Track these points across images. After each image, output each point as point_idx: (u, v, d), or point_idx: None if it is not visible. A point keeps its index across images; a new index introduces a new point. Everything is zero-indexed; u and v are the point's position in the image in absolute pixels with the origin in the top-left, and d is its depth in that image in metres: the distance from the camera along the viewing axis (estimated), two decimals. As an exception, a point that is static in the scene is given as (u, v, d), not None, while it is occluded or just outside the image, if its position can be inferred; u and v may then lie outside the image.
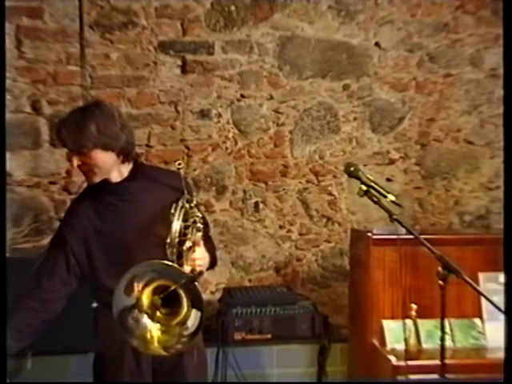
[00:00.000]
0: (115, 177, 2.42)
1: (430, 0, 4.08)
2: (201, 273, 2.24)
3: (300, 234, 4.05)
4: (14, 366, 3.11)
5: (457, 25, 4.11)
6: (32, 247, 3.70)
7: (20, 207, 3.74)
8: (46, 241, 3.65)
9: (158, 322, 2.18)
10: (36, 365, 3.13)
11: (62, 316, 2.43)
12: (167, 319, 2.18)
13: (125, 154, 2.41)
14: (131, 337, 2.16)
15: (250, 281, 4.00)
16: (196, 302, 2.12)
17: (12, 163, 3.71)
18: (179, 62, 3.90)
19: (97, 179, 2.39)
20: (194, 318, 2.14)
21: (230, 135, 3.97)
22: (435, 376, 2.47)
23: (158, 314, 2.18)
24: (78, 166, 2.36)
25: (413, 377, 2.72)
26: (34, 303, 2.37)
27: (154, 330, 2.17)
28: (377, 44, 4.07)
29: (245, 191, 3.99)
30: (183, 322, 2.15)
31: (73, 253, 2.40)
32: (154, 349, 2.18)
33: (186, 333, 2.15)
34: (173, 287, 2.13)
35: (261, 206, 4.00)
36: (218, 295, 3.83)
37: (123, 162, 2.42)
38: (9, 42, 3.67)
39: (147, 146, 3.86)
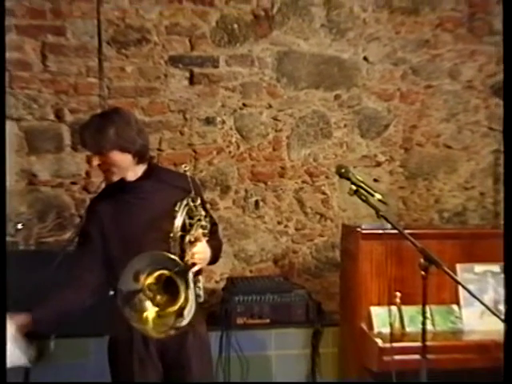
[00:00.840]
0: (131, 176, 2.43)
1: (412, 19, 4.09)
2: (194, 264, 2.25)
3: (296, 229, 4.05)
4: (39, 347, 3.11)
5: (437, 41, 4.12)
6: (55, 241, 3.71)
7: (44, 205, 3.74)
8: (67, 235, 3.68)
9: (157, 306, 2.19)
10: (59, 346, 3.13)
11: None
12: (166, 305, 2.19)
13: (140, 156, 2.41)
14: (131, 314, 2.17)
15: (250, 271, 4.00)
16: (191, 290, 2.15)
17: (37, 165, 3.72)
18: (187, 75, 3.90)
19: (114, 178, 2.40)
20: (189, 309, 2.16)
21: (233, 140, 3.97)
22: (417, 356, 2.49)
23: (159, 298, 2.20)
24: (98, 166, 2.37)
25: (397, 357, 2.72)
26: (69, 292, 2.36)
27: (151, 311, 2.18)
28: (365, 58, 4.08)
29: (246, 190, 4.00)
30: (180, 313, 2.16)
31: (97, 245, 2.41)
32: (147, 329, 2.19)
33: (178, 324, 2.17)
34: (167, 274, 2.16)
35: (261, 204, 4.01)
36: (221, 284, 3.83)
37: (138, 163, 2.42)
38: (35, 57, 3.69)
39: (158, 149, 3.86)
